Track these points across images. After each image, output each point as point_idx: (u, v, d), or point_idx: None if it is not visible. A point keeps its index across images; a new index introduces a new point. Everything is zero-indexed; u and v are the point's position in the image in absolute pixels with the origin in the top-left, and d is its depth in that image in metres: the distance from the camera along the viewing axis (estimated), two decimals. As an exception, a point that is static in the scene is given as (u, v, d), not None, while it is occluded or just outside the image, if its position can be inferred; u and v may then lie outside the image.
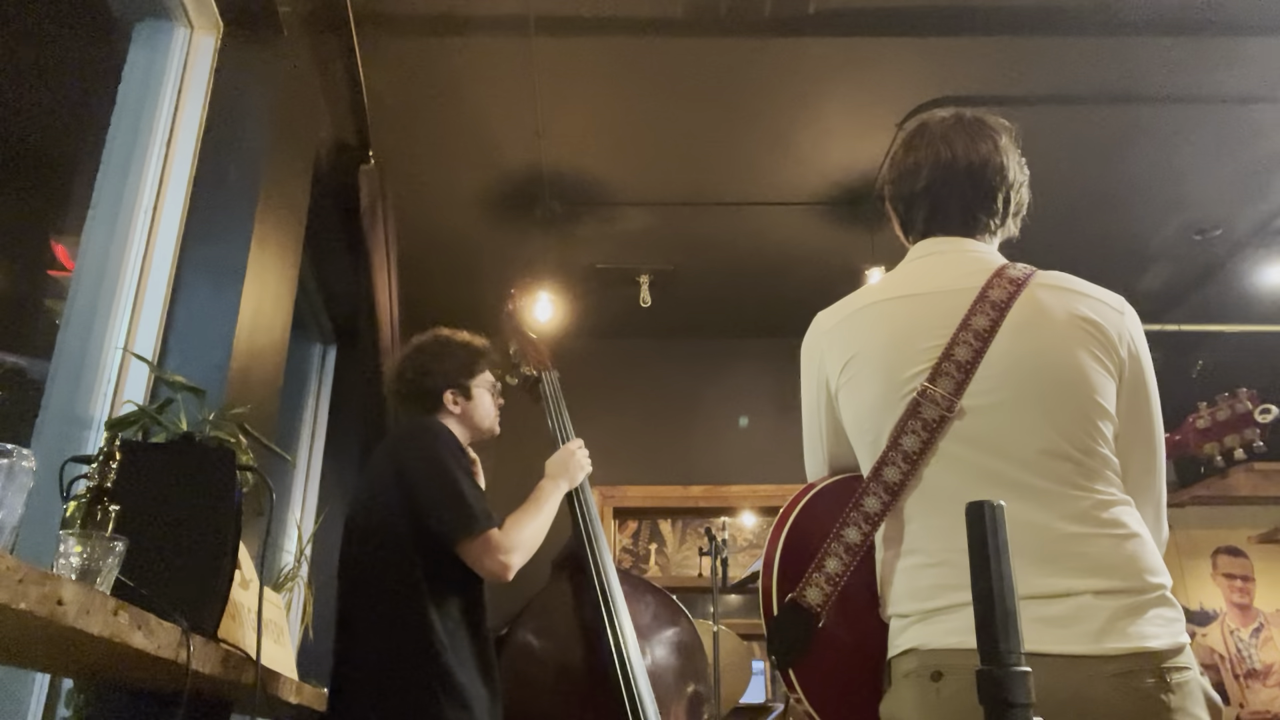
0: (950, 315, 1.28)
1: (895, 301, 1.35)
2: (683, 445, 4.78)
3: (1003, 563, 0.75)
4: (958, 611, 1.15)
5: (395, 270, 3.35)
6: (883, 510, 1.25)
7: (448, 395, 2.11)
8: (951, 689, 1.13)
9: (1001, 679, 0.72)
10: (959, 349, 1.24)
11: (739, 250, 4.22)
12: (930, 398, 1.23)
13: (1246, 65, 3.08)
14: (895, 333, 1.31)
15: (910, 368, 1.27)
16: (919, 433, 1.23)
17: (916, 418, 1.23)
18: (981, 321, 1.25)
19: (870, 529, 1.25)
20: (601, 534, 2.27)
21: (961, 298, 1.28)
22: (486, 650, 1.90)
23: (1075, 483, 1.19)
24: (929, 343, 1.27)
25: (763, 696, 4.45)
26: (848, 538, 1.25)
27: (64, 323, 2.01)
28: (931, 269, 1.37)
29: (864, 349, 1.33)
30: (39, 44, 2.17)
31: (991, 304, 1.26)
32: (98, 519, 1.11)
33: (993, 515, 0.76)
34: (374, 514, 1.92)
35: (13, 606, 0.80)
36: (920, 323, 1.30)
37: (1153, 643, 1.12)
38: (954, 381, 1.23)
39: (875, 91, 3.21)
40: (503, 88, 3.18)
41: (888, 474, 1.24)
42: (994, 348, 1.24)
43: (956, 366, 1.24)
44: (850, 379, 1.33)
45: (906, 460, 1.23)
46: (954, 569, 1.17)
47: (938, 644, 1.16)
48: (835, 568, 1.24)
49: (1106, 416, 1.23)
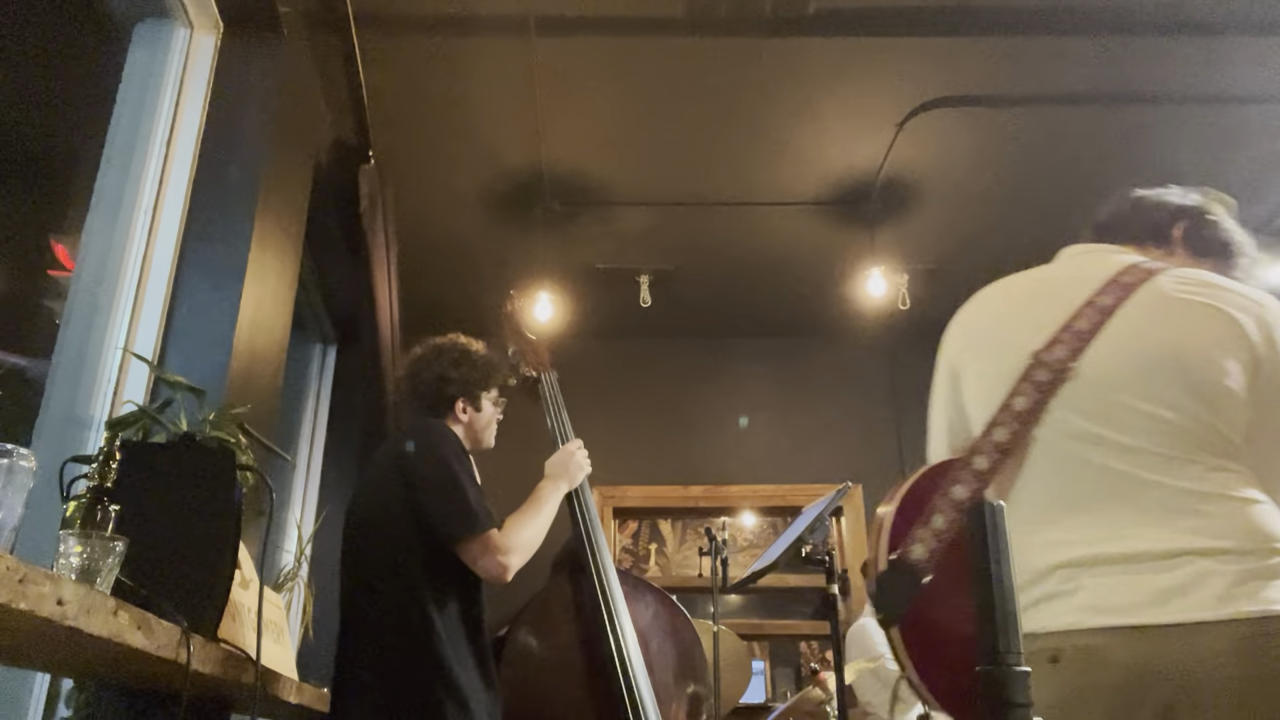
0: (1075, 294, 1.31)
1: (1028, 281, 1.41)
2: (683, 445, 4.78)
3: (1003, 563, 0.75)
4: (1072, 593, 1.16)
5: (395, 270, 3.35)
6: (991, 468, 1.25)
7: (459, 403, 2.12)
8: (1070, 671, 1.13)
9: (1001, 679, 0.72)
10: (1080, 320, 1.27)
11: (739, 250, 4.22)
12: (1043, 361, 1.26)
13: (1246, 65, 3.08)
14: (1016, 307, 1.37)
15: (1028, 338, 1.30)
16: (1030, 393, 1.25)
17: (1029, 379, 1.26)
18: (1106, 300, 1.28)
19: (980, 486, 1.25)
20: (601, 534, 2.27)
21: (1089, 283, 1.32)
22: (486, 650, 1.90)
23: (1189, 452, 1.19)
24: (1050, 316, 1.30)
25: (763, 696, 4.46)
26: (955, 494, 1.25)
27: (64, 323, 2.01)
28: (1067, 264, 1.43)
29: (986, 322, 1.39)
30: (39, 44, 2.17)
31: (1120, 286, 1.30)
32: (98, 519, 1.11)
33: (993, 515, 0.76)
34: (376, 513, 1.92)
35: (13, 606, 0.80)
36: (1047, 299, 1.34)
37: (1274, 607, 1.08)
38: (1069, 349, 1.26)
39: (875, 91, 3.21)
40: (503, 88, 3.18)
41: (997, 434, 1.26)
42: (1115, 321, 1.26)
43: (1075, 335, 1.26)
44: (972, 353, 1.38)
45: (1017, 420, 1.25)
46: (1068, 539, 1.19)
47: (1054, 626, 1.16)
48: (941, 524, 1.24)
49: (1231, 400, 1.21)
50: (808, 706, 2.95)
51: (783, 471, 4.70)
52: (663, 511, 4.86)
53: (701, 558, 4.51)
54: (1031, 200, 3.81)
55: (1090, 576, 1.16)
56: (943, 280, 4.32)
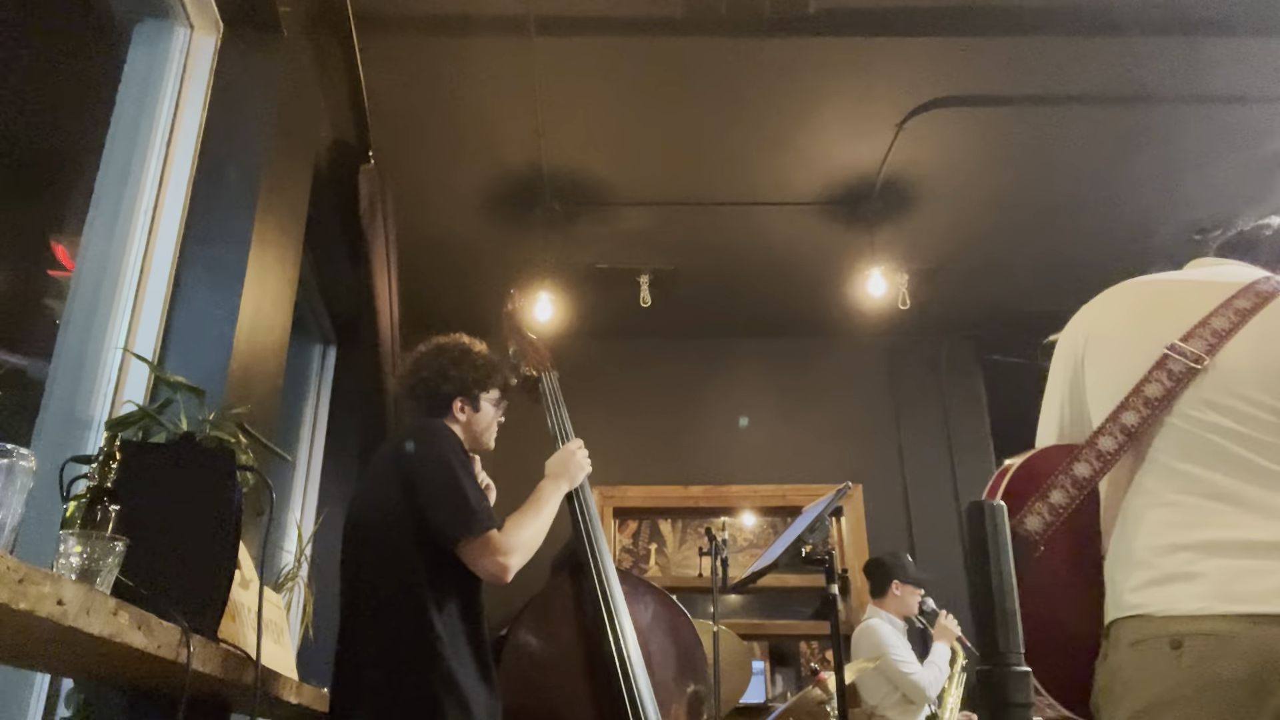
0: (1212, 296, 1.32)
1: (1160, 282, 1.43)
2: (683, 445, 4.78)
3: (1003, 563, 0.75)
4: (1194, 577, 1.14)
5: (395, 270, 3.35)
6: (1117, 451, 1.25)
7: (457, 402, 2.12)
8: (1193, 658, 1.11)
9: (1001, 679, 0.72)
10: (1217, 319, 1.28)
11: (739, 250, 4.22)
12: (1179, 351, 1.26)
13: (1246, 65, 3.08)
14: (1152, 304, 1.38)
15: (1165, 330, 1.30)
16: (1163, 381, 1.25)
17: (1163, 368, 1.26)
18: (1243, 303, 1.29)
19: (1102, 467, 1.25)
20: (601, 534, 2.27)
21: (1226, 288, 1.33)
22: (485, 650, 1.90)
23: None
24: (1187, 314, 1.31)
25: (763, 696, 4.46)
26: (1077, 472, 1.25)
27: (64, 323, 2.01)
28: (1199, 271, 1.45)
29: (1119, 316, 1.39)
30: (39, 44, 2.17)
31: (1256, 293, 1.30)
32: (98, 519, 1.11)
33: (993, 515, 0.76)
34: (376, 513, 1.92)
35: (13, 606, 0.80)
36: (1181, 299, 1.35)
37: None
38: (1206, 343, 1.26)
39: (875, 91, 3.21)
40: (503, 88, 3.17)
41: (1126, 417, 1.25)
42: (1252, 323, 1.26)
43: (1211, 332, 1.26)
44: (1100, 342, 1.38)
45: (1148, 405, 1.25)
46: (1192, 521, 1.18)
47: (1178, 610, 1.14)
48: (1060, 499, 1.23)
49: None
50: (808, 706, 2.95)
51: (783, 471, 4.70)
52: (663, 511, 4.85)
53: (701, 558, 4.51)
54: (1031, 200, 3.82)
55: (1213, 560, 1.14)
56: (943, 280, 4.32)
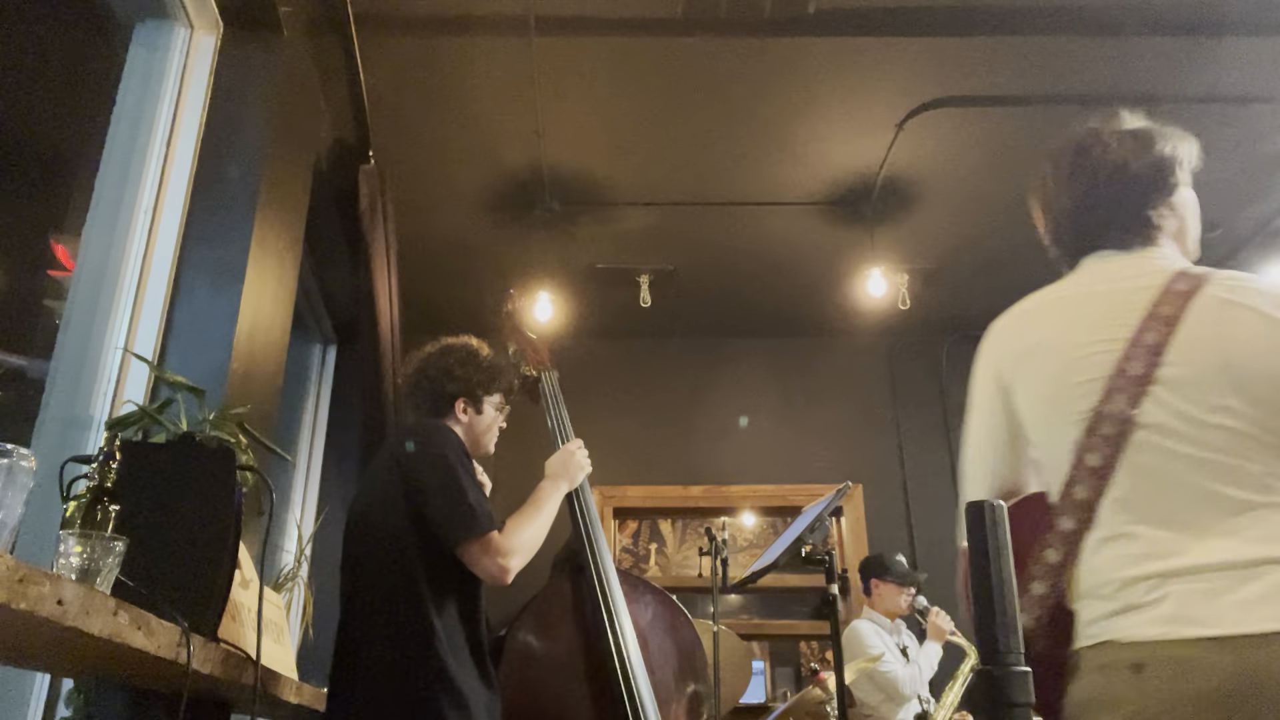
0: (1132, 308, 1.30)
1: (1073, 293, 1.39)
2: (683, 445, 4.78)
3: (1003, 562, 0.75)
4: (1157, 603, 1.15)
5: (395, 270, 3.35)
6: (1078, 528, 1.25)
7: (460, 403, 2.12)
8: (1156, 683, 1.12)
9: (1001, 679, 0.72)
10: (1148, 334, 1.26)
11: (739, 250, 4.22)
12: (1107, 415, 1.24)
13: (1246, 65, 3.08)
14: (1073, 325, 1.35)
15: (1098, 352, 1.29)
16: (1101, 449, 1.24)
17: (1095, 434, 1.25)
18: (1168, 309, 1.27)
19: (1069, 549, 1.25)
20: (601, 534, 2.27)
21: (1143, 294, 1.31)
22: (484, 650, 1.90)
23: (1261, 461, 1.18)
24: (1116, 329, 1.29)
25: (763, 696, 4.46)
26: (1049, 559, 1.26)
27: (64, 323, 2.01)
28: (1107, 272, 1.40)
29: (1041, 341, 1.36)
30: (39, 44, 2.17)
31: (1176, 294, 1.29)
32: (98, 519, 1.11)
33: (993, 515, 0.76)
34: (376, 513, 1.92)
35: (13, 606, 0.80)
36: (1103, 310, 1.33)
37: None
38: (1143, 364, 1.25)
39: (875, 91, 3.21)
40: (503, 88, 3.17)
41: (1078, 493, 1.25)
42: (1180, 332, 1.25)
43: (1146, 350, 1.25)
44: (1027, 369, 1.36)
45: (1095, 475, 1.24)
46: (1149, 552, 1.18)
47: (1140, 636, 1.15)
48: (1041, 590, 1.25)
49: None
50: (808, 706, 2.95)
51: (783, 471, 4.70)
52: (663, 511, 4.85)
53: (701, 558, 4.51)
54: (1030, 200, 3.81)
55: (1174, 586, 1.15)
56: (943, 280, 4.32)
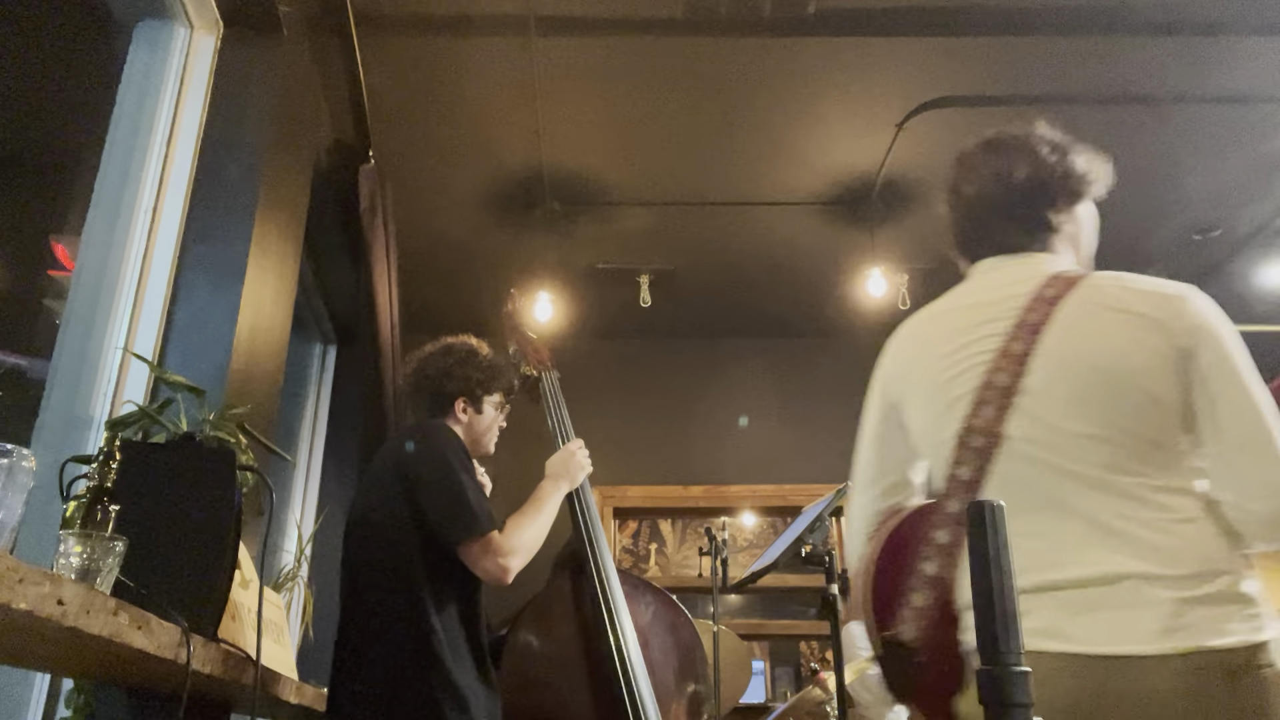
0: (1005, 317, 1.30)
1: (955, 309, 1.42)
2: (683, 445, 4.78)
3: (1003, 562, 0.75)
4: (1026, 615, 1.14)
5: (395, 270, 3.35)
6: (953, 541, 1.26)
7: (460, 402, 2.12)
8: None
9: (1001, 679, 0.72)
10: (1015, 343, 1.27)
11: (739, 250, 4.22)
12: (974, 429, 1.25)
13: (1246, 65, 3.08)
14: (951, 337, 1.36)
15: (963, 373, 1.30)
16: (969, 462, 1.25)
17: (966, 448, 1.26)
18: (1034, 316, 1.28)
19: (946, 560, 1.26)
20: (602, 534, 2.27)
21: (1017, 300, 1.31)
22: (484, 650, 1.90)
23: (1121, 467, 1.17)
24: (982, 345, 1.30)
25: (763, 696, 4.45)
26: (927, 571, 1.27)
27: (64, 323, 2.00)
28: (990, 280, 1.41)
29: (923, 355, 1.39)
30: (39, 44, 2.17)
31: (1044, 300, 1.29)
32: (98, 519, 1.11)
33: (993, 515, 0.76)
34: (376, 513, 1.92)
35: (13, 606, 0.80)
36: (976, 326, 1.34)
37: (1221, 640, 1.06)
38: (1009, 375, 1.25)
39: (875, 91, 3.21)
40: (503, 88, 3.17)
41: (951, 506, 1.26)
42: (1045, 340, 1.25)
43: (1013, 360, 1.26)
44: (910, 384, 1.39)
45: (967, 489, 1.25)
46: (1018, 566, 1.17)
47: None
48: (921, 601, 1.26)
49: (1158, 404, 1.19)
50: (808, 706, 2.95)
51: (783, 471, 4.70)
52: (663, 511, 4.85)
53: (701, 558, 4.52)
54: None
55: (1038, 601, 1.14)
56: (943, 280, 4.29)
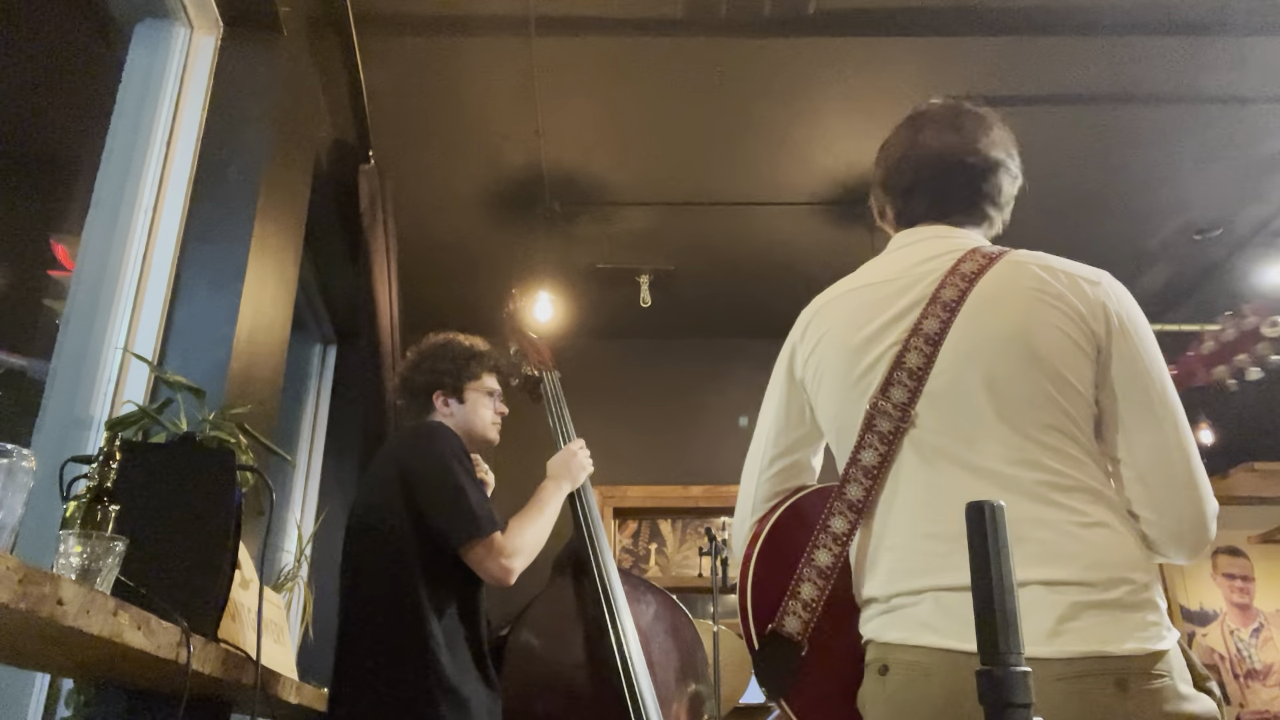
0: (920, 294, 1.25)
1: (868, 285, 1.33)
2: (683, 445, 4.77)
3: (1003, 563, 0.75)
4: (907, 607, 1.13)
5: (395, 270, 3.35)
6: (850, 530, 1.21)
7: (437, 396, 2.11)
8: (895, 685, 1.11)
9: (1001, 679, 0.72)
10: (928, 321, 1.21)
11: (739, 250, 4.22)
12: (880, 410, 1.20)
13: (1246, 65, 3.08)
14: (861, 313, 1.30)
15: (873, 351, 1.25)
16: (875, 446, 1.20)
17: (872, 430, 1.21)
18: (949, 293, 1.22)
19: (841, 550, 1.21)
20: (603, 534, 2.27)
21: (933, 276, 1.25)
22: (484, 651, 1.90)
23: (1030, 461, 1.12)
24: (896, 324, 1.25)
25: (763, 696, 4.45)
26: (819, 561, 1.21)
27: (64, 323, 2.00)
28: (906, 255, 1.34)
29: (831, 331, 1.32)
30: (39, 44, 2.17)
31: (961, 276, 1.23)
32: (98, 519, 1.11)
33: (993, 515, 0.76)
34: (375, 515, 1.92)
35: (13, 606, 0.80)
36: (888, 303, 1.28)
37: (1114, 646, 1.02)
38: (922, 354, 1.20)
39: (875, 91, 3.21)
40: (503, 88, 3.17)
41: (851, 491, 1.22)
42: (956, 325, 1.20)
43: (925, 339, 1.20)
44: (817, 362, 1.34)
45: (868, 475, 1.21)
46: (906, 559, 1.15)
47: (887, 637, 1.14)
48: (810, 593, 1.20)
49: (1073, 393, 1.15)
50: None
51: (783, 471, 4.69)
52: (663, 511, 4.85)
53: (701, 558, 4.50)
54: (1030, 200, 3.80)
55: (928, 595, 1.11)
56: (943, 280, 4.31)
